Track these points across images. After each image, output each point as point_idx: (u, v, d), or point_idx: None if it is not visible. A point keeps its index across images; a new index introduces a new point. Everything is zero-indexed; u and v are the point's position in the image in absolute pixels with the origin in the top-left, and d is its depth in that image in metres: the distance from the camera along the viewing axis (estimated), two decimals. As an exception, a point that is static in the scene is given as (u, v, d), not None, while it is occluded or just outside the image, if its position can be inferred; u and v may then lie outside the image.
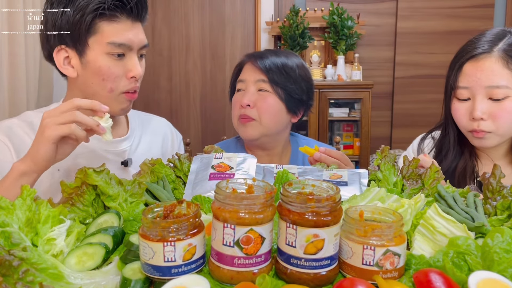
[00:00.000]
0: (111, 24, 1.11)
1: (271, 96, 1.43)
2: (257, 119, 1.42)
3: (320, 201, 0.59)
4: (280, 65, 1.44)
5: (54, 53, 1.14)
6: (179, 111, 3.85)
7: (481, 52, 1.18)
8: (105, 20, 1.10)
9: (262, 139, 1.46)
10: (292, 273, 0.61)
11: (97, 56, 1.11)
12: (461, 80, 1.21)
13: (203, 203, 0.85)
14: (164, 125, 1.47)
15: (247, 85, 1.45)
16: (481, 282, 0.55)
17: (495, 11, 3.65)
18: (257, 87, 1.43)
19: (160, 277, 0.60)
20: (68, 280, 0.60)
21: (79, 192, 0.82)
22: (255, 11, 3.73)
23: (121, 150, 1.25)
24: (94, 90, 1.14)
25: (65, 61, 1.14)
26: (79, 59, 1.13)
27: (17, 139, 1.13)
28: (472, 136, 1.22)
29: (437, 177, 0.92)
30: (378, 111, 3.73)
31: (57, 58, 1.14)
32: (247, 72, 1.47)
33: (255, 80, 1.43)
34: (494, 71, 1.15)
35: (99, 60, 1.11)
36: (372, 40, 3.68)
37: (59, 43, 1.13)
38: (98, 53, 1.11)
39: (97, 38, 1.10)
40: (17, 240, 0.61)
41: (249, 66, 1.47)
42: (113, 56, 1.12)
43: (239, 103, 1.45)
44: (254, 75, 1.44)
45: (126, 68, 1.14)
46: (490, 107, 1.17)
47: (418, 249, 0.69)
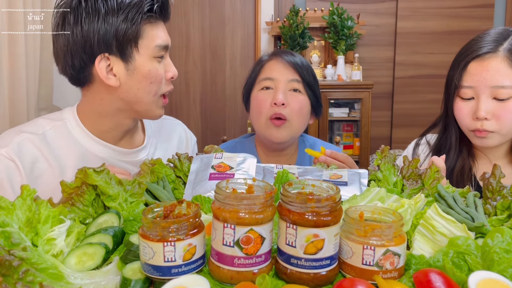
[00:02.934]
0: (153, 27, 1.10)
1: (302, 96, 1.40)
2: (289, 119, 1.38)
3: (320, 201, 0.59)
4: (307, 65, 1.41)
5: (96, 62, 1.07)
6: (179, 111, 3.85)
7: (487, 51, 1.18)
8: (148, 24, 1.09)
9: (290, 141, 1.44)
10: (292, 273, 0.61)
11: (146, 61, 1.10)
12: (465, 79, 1.20)
13: (203, 203, 0.85)
14: (178, 128, 1.45)
15: (277, 83, 1.39)
16: (481, 282, 0.55)
17: (495, 11, 3.65)
18: (290, 86, 1.39)
19: (160, 277, 0.60)
20: (68, 280, 0.60)
21: (79, 192, 0.82)
22: (255, 11, 3.73)
23: (139, 160, 1.23)
24: (139, 96, 1.12)
25: (107, 69, 1.09)
26: (124, 66, 1.09)
27: (28, 158, 1.09)
28: (474, 136, 1.22)
29: (437, 177, 0.92)
30: (378, 111, 3.73)
31: (100, 67, 1.08)
32: (277, 70, 1.41)
33: (287, 79, 1.39)
34: (499, 71, 1.15)
35: (148, 64, 1.10)
36: (372, 40, 3.68)
37: (102, 52, 1.07)
38: (147, 57, 1.10)
39: (144, 42, 1.09)
40: (17, 240, 0.61)
41: (277, 63, 1.41)
42: (158, 59, 1.12)
43: (269, 101, 1.39)
44: (286, 73, 1.39)
45: (165, 70, 1.15)
46: (494, 107, 1.17)
47: (418, 249, 0.69)
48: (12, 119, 2.84)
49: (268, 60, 1.45)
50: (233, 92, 3.80)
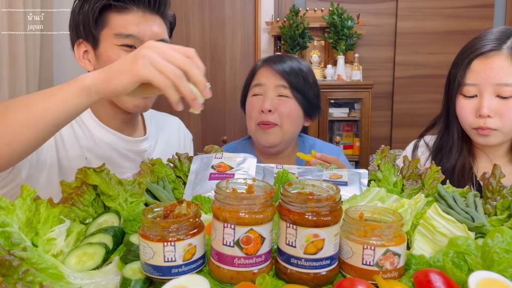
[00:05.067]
0: (120, 15, 1.10)
1: (291, 101, 1.42)
2: (278, 124, 1.42)
3: (320, 201, 0.59)
4: (298, 70, 1.43)
5: (74, 47, 1.14)
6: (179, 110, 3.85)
7: (490, 49, 1.18)
8: (115, 12, 1.10)
9: (282, 145, 1.46)
10: (292, 273, 0.61)
11: (107, 48, 1.10)
12: (469, 76, 1.20)
13: (203, 203, 0.85)
14: (177, 125, 1.47)
15: (265, 89, 1.43)
16: (481, 282, 0.55)
17: (495, 11, 3.65)
18: (277, 92, 1.42)
19: (160, 277, 0.60)
20: (68, 280, 0.60)
21: (79, 192, 0.82)
22: (255, 11, 3.73)
23: (141, 149, 1.26)
24: None
25: (84, 55, 1.15)
26: (94, 52, 1.13)
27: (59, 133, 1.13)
28: (476, 134, 1.22)
29: (437, 177, 0.92)
30: (378, 111, 3.73)
31: (77, 52, 1.15)
32: (265, 76, 1.44)
33: (275, 85, 1.42)
34: (503, 69, 1.16)
35: (109, 51, 1.10)
36: (372, 40, 3.68)
37: (78, 37, 1.13)
38: (109, 44, 1.10)
39: (106, 31, 1.10)
40: (17, 240, 0.61)
41: (266, 70, 1.45)
42: (124, 48, 1.10)
43: (257, 108, 1.43)
44: (274, 80, 1.42)
45: None
46: (497, 104, 1.17)
47: (418, 249, 0.69)
48: (12, 119, 2.83)
49: (260, 67, 1.48)
50: (233, 92, 3.80)
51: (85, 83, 0.79)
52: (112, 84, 0.78)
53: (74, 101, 0.80)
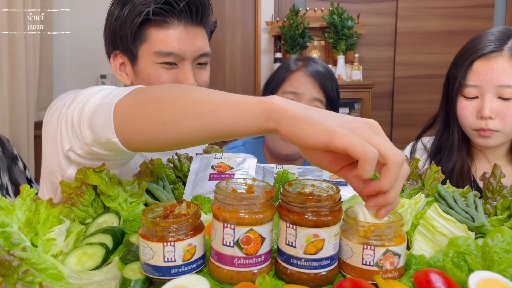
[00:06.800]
0: (160, 30, 1.02)
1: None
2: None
3: (320, 201, 0.59)
4: (336, 85, 1.41)
5: (111, 58, 1.07)
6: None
7: (492, 50, 1.18)
8: (154, 27, 1.02)
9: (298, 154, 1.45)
10: (292, 273, 0.61)
11: (147, 65, 1.04)
12: (470, 78, 1.20)
13: (203, 203, 0.85)
14: None
15: (301, 98, 1.39)
16: (481, 282, 0.55)
17: (495, 11, 3.65)
18: (312, 104, 1.38)
19: (160, 277, 0.60)
20: (68, 280, 0.60)
21: (79, 192, 0.82)
22: (255, 11, 3.73)
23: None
24: None
25: (121, 68, 1.08)
26: (132, 67, 1.06)
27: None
28: (477, 135, 1.22)
29: (437, 177, 0.92)
30: (378, 111, 3.73)
31: (113, 64, 1.08)
32: (304, 85, 1.40)
33: (311, 97, 1.39)
34: (505, 70, 1.16)
35: (149, 69, 1.04)
36: (372, 40, 3.68)
37: (114, 49, 1.06)
38: (148, 62, 1.04)
39: (146, 47, 1.03)
40: (17, 240, 0.61)
41: (305, 78, 1.40)
42: (164, 65, 1.04)
43: None
44: (312, 91, 1.39)
45: (177, 79, 1.05)
46: (498, 106, 1.17)
47: (418, 249, 0.69)
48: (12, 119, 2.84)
49: (296, 71, 1.42)
50: (233, 91, 3.76)
51: (267, 114, 0.62)
52: (301, 136, 0.59)
53: (251, 121, 0.65)
